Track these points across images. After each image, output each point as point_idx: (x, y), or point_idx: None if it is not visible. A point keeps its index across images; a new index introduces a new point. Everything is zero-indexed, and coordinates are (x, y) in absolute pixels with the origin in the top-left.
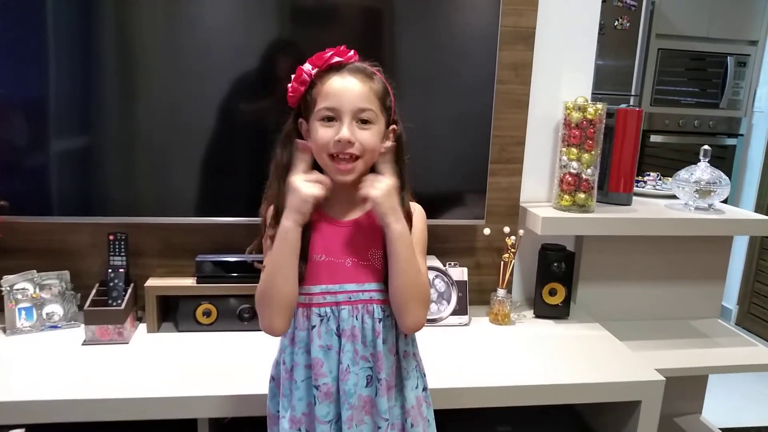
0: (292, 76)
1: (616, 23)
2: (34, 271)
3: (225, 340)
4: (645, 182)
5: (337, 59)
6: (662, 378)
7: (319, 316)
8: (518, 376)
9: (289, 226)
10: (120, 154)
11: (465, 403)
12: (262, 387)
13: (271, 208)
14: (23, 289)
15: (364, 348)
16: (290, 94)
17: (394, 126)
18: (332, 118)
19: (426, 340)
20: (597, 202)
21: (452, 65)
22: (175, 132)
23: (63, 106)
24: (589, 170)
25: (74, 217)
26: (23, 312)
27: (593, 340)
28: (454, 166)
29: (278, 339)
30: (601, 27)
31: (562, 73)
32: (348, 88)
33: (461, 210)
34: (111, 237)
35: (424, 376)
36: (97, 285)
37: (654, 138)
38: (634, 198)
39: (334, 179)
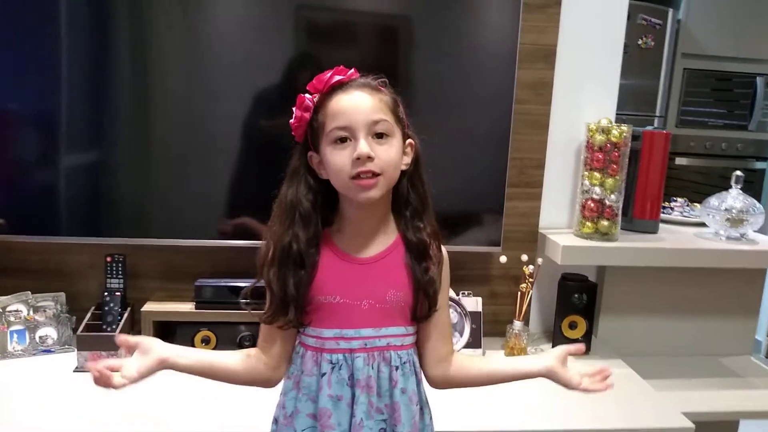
0: (294, 108)
1: (639, 42)
2: (29, 292)
3: None
4: (672, 208)
5: (338, 78)
6: (691, 425)
7: (331, 363)
8: (532, 419)
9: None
10: (123, 174)
11: None
12: (264, 427)
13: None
14: (17, 310)
15: (379, 399)
16: (295, 125)
17: (410, 140)
18: (345, 138)
19: None
20: (621, 229)
21: (469, 84)
22: (180, 153)
23: (63, 126)
24: (612, 196)
25: (73, 237)
26: (15, 335)
27: (615, 379)
28: (470, 188)
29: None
30: (625, 46)
31: (584, 93)
32: (357, 102)
33: (476, 235)
34: (108, 258)
35: (431, 418)
36: (92, 308)
37: (679, 161)
38: (661, 225)
39: (358, 200)
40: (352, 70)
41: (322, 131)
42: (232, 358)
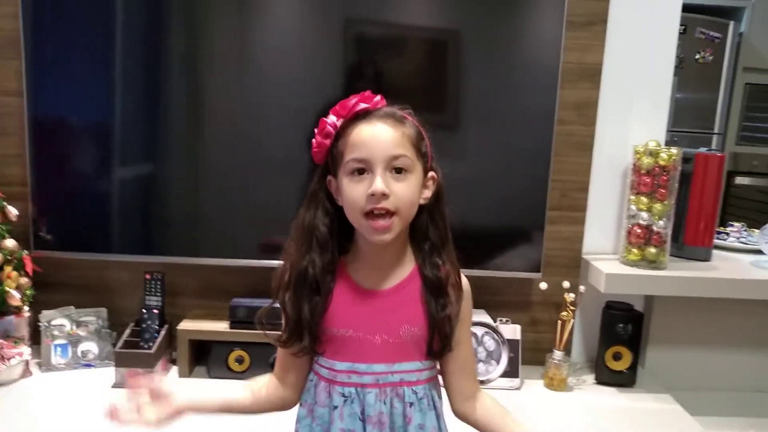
0: (315, 131)
1: (697, 56)
2: (72, 307)
3: None
4: (728, 234)
5: (363, 106)
6: None
7: (343, 396)
8: None
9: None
10: (164, 194)
11: None
12: None
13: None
14: (60, 325)
15: None
16: (315, 149)
17: (432, 174)
18: (363, 170)
19: None
20: (671, 256)
21: (509, 103)
22: (222, 172)
23: (109, 147)
24: (661, 222)
25: (115, 255)
26: (59, 349)
27: (661, 415)
28: (509, 211)
29: None
30: (681, 60)
31: (632, 113)
32: (378, 135)
33: (515, 260)
34: (147, 276)
35: None
36: (132, 324)
37: (740, 180)
38: (714, 252)
39: (370, 240)
40: (378, 97)
41: (340, 160)
42: (246, 396)
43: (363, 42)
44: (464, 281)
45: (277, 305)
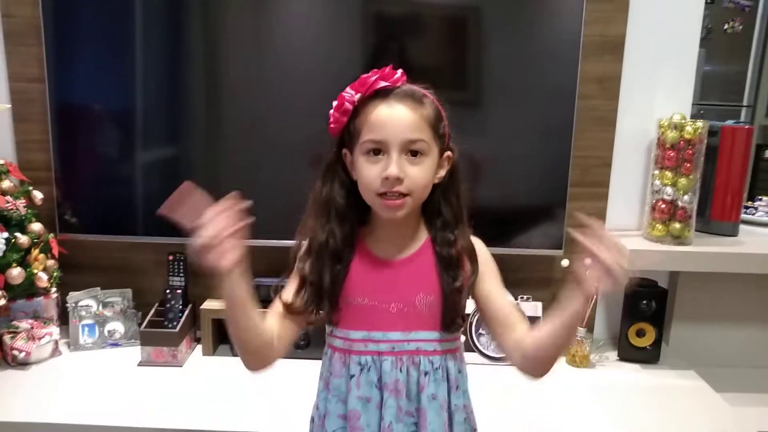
0: (334, 104)
1: (726, 26)
2: (98, 288)
3: (280, 368)
4: (756, 209)
5: (382, 84)
6: None
7: (359, 365)
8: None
9: (218, 281)
10: (186, 176)
11: None
12: (302, 427)
13: (304, 244)
14: (87, 306)
15: (409, 403)
16: (332, 125)
17: (449, 153)
18: (379, 151)
19: (491, 381)
20: (697, 231)
21: (529, 78)
22: (241, 153)
23: (131, 132)
24: (686, 197)
25: (139, 237)
26: (86, 329)
27: (686, 392)
28: (530, 188)
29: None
30: (708, 31)
31: (656, 86)
32: (395, 117)
33: (537, 237)
34: (170, 257)
35: (475, 430)
36: (156, 304)
37: None
38: (742, 227)
39: (382, 216)
40: (399, 73)
41: (357, 137)
42: (266, 327)
43: (382, 20)
44: (476, 241)
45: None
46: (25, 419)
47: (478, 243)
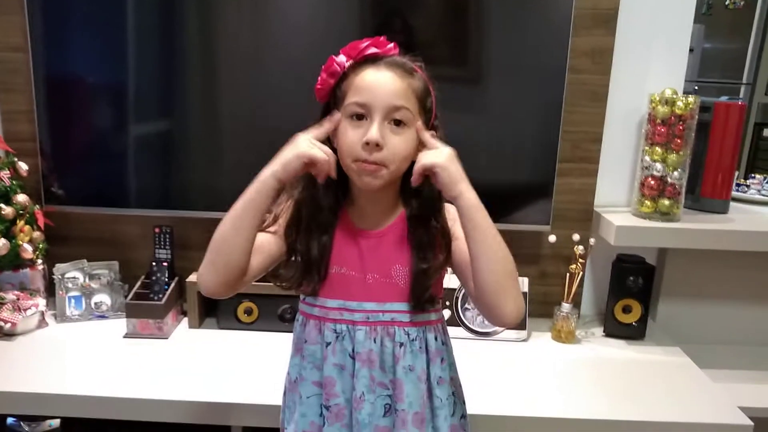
0: (323, 67)
1: (727, 2)
2: (85, 260)
3: (265, 340)
4: (748, 186)
5: (373, 50)
6: (748, 422)
7: (335, 332)
8: (575, 407)
9: (266, 176)
10: (174, 149)
11: None
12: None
13: (289, 203)
14: (74, 278)
15: (383, 374)
16: (318, 86)
17: (433, 131)
18: (362, 116)
19: (476, 356)
20: (687, 208)
21: (518, 52)
22: (227, 127)
23: (119, 102)
24: (675, 173)
25: (125, 209)
26: (73, 300)
27: (669, 368)
28: (518, 163)
29: None
30: (709, 6)
31: (649, 60)
32: (382, 82)
33: (525, 213)
34: (156, 230)
35: (464, 403)
36: (142, 277)
37: None
38: (733, 205)
39: (359, 184)
40: (392, 44)
41: (342, 101)
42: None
43: None
44: (449, 210)
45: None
46: (10, 389)
47: (449, 208)
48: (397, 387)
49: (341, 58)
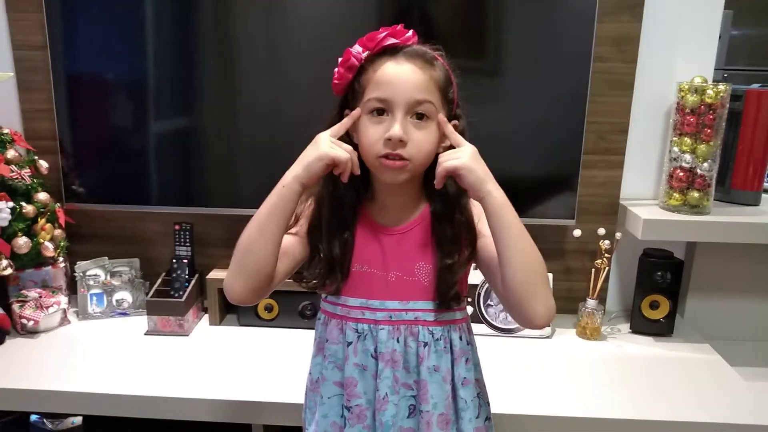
0: (339, 60)
1: None
2: (106, 258)
3: (286, 337)
4: None
5: (391, 41)
6: None
7: (356, 332)
8: (601, 406)
9: (288, 180)
10: (194, 146)
11: None
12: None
13: (310, 202)
14: (95, 275)
15: (407, 374)
16: (336, 81)
17: (455, 122)
18: (383, 111)
19: (499, 353)
20: (717, 200)
21: (542, 40)
22: (246, 124)
23: (138, 99)
24: (705, 164)
25: (146, 207)
26: (94, 298)
27: (699, 365)
28: (541, 155)
29: None
30: None
31: (677, 48)
32: (403, 75)
33: (549, 207)
34: (176, 227)
35: (488, 404)
36: (163, 274)
37: None
38: (765, 197)
39: (382, 180)
40: (410, 32)
41: (361, 96)
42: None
43: None
44: (475, 206)
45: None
46: (33, 386)
47: (477, 209)
48: (422, 388)
49: (358, 50)
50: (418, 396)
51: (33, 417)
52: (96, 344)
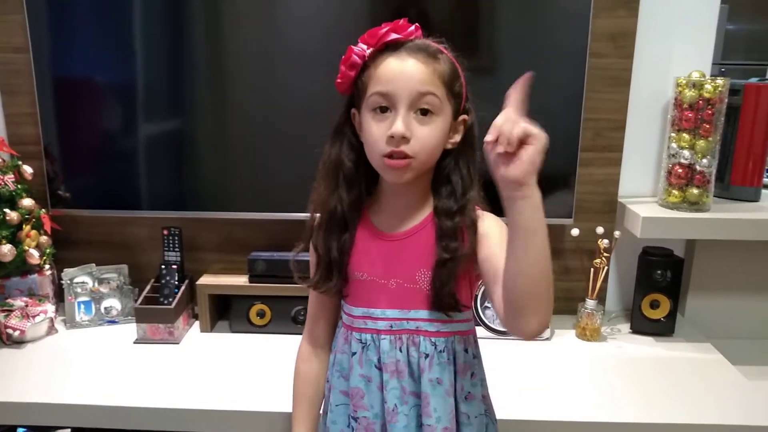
0: (341, 59)
1: None
2: (93, 264)
3: (279, 344)
4: None
5: (393, 36)
6: None
7: (360, 342)
8: (603, 409)
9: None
10: (181, 150)
11: None
12: None
13: (317, 216)
14: (83, 282)
15: (414, 384)
16: (339, 80)
17: (465, 116)
18: (386, 108)
19: (497, 356)
20: (716, 197)
21: (535, 36)
22: (236, 128)
23: (124, 102)
24: (704, 161)
25: (133, 211)
26: (82, 306)
27: (701, 365)
28: None
29: None
30: None
31: (674, 42)
32: (405, 70)
33: (546, 206)
34: (165, 232)
35: (495, 422)
36: (152, 281)
37: None
38: (765, 192)
39: (386, 179)
40: (413, 26)
41: (364, 93)
42: (312, 386)
43: None
44: (487, 217)
45: (305, 257)
46: (20, 399)
47: (489, 219)
48: (423, 400)
49: (360, 48)
50: (420, 408)
51: (20, 430)
52: (84, 354)
